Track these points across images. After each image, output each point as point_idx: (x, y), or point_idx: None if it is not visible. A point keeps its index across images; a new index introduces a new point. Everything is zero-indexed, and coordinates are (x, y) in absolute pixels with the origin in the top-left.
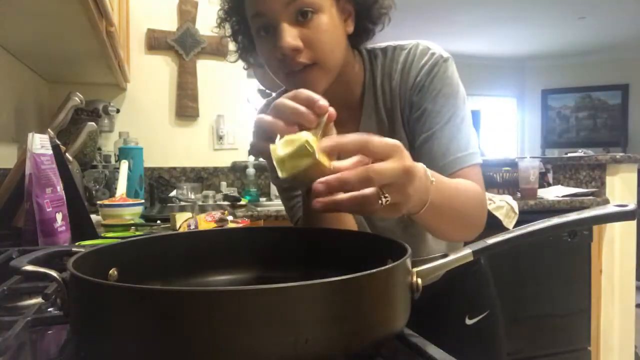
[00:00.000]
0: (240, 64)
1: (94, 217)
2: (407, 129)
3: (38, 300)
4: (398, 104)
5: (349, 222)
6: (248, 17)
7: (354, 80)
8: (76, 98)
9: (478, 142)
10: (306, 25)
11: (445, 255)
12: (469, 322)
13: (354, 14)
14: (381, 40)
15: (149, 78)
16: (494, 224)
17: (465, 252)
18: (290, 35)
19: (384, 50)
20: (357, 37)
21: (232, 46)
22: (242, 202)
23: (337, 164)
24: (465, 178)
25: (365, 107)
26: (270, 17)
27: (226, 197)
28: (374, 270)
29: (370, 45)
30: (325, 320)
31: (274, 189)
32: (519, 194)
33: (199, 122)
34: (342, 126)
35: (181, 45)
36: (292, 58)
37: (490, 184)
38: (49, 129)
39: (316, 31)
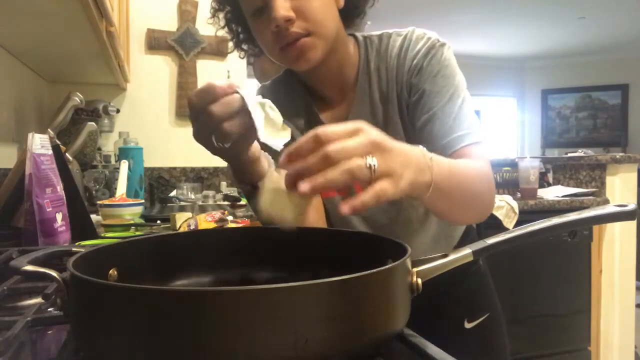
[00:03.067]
0: (240, 63)
1: (94, 217)
2: (404, 114)
3: (38, 300)
4: (394, 87)
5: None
6: (241, 1)
7: (348, 62)
8: (76, 98)
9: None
10: None
11: (445, 255)
12: (468, 325)
13: None
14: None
15: (149, 78)
16: (494, 224)
17: (465, 252)
18: (282, 7)
19: (380, 36)
20: (349, 14)
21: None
22: (242, 202)
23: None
24: (469, 156)
25: (358, 91)
26: None
27: (226, 197)
28: (374, 270)
29: (366, 33)
30: (325, 320)
31: None
32: (519, 194)
33: None
34: (334, 108)
35: (181, 45)
36: (285, 29)
37: None
38: (49, 129)
39: (307, 2)
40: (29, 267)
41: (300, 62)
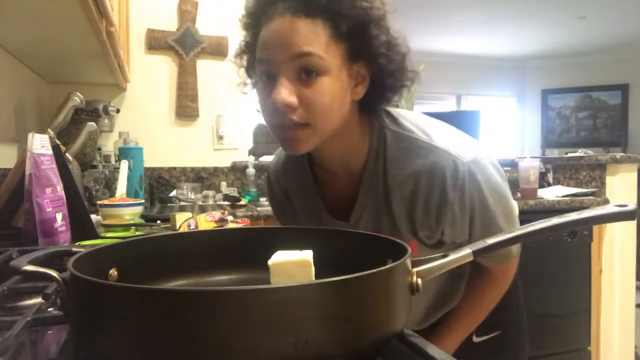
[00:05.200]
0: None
1: (94, 217)
2: (409, 217)
3: (38, 300)
4: (401, 204)
5: None
6: (257, 59)
7: (355, 149)
8: (76, 98)
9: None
10: (307, 84)
11: (445, 255)
12: (476, 339)
13: (369, 80)
14: None
15: (149, 78)
16: None
17: (465, 252)
18: (286, 91)
19: (396, 136)
20: (369, 103)
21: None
22: (242, 202)
23: None
24: (492, 270)
25: (364, 183)
26: (272, 67)
27: (226, 197)
28: (374, 270)
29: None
30: (325, 320)
31: None
32: (519, 194)
33: (199, 122)
34: (339, 188)
35: (181, 45)
36: (284, 113)
37: None
38: (49, 129)
39: (316, 93)
40: (29, 267)
41: (288, 148)
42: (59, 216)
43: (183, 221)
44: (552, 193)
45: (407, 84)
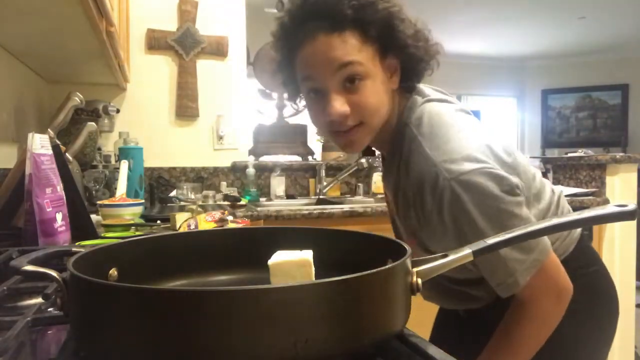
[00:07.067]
0: (241, 63)
1: (94, 217)
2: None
3: (38, 300)
4: (404, 204)
5: None
6: (299, 78)
7: (386, 124)
8: (76, 98)
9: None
10: (353, 90)
11: (445, 255)
12: None
13: (400, 68)
14: None
15: (149, 78)
16: None
17: (465, 252)
18: (339, 103)
19: (410, 137)
20: (404, 84)
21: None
22: (242, 202)
23: None
24: (518, 302)
25: (387, 165)
26: (320, 83)
27: (226, 197)
28: (374, 270)
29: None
30: (325, 320)
31: (274, 189)
32: None
33: (199, 122)
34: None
35: (181, 45)
36: (340, 123)
37: None
38: (49, 129)
39: (363, 96)
40: (29, 267)
41: (347, 149)
42: (59, 216)
43: (183, 221)
44: None
45: (434, 58)
